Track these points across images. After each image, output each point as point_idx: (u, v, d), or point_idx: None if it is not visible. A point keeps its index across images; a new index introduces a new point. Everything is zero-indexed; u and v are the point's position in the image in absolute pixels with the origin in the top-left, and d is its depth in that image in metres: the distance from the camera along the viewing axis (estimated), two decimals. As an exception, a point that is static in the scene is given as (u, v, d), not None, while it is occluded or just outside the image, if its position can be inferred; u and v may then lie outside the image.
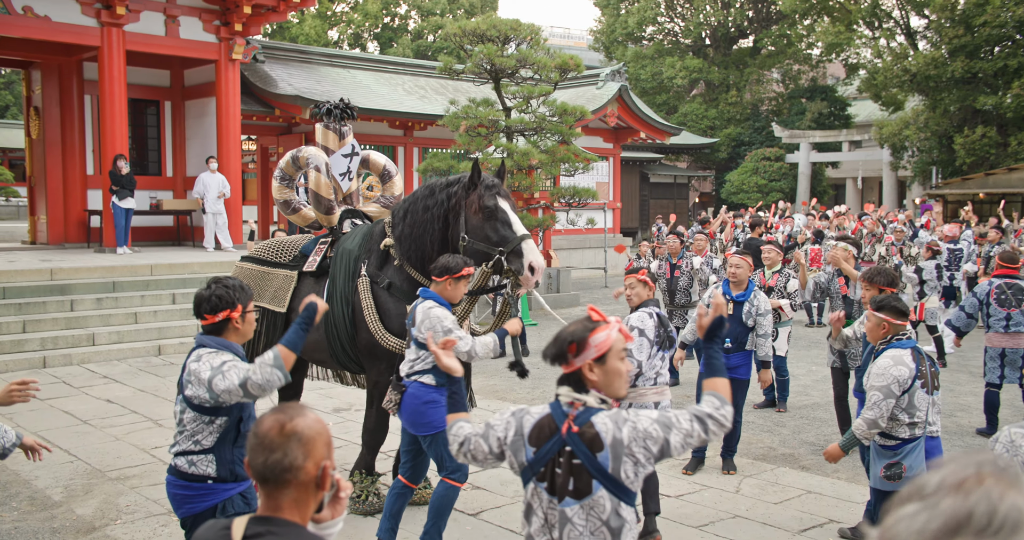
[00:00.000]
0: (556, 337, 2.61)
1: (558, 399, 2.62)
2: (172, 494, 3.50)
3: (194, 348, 3.48)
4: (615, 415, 2.56)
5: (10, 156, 37.09)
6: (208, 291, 3.44)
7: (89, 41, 14.17)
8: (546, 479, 2.57)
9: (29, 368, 9.98)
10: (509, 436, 2.64)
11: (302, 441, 1.89)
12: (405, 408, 4.75)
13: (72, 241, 16.03)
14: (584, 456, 2.51)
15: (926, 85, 26.48)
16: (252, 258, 6.30)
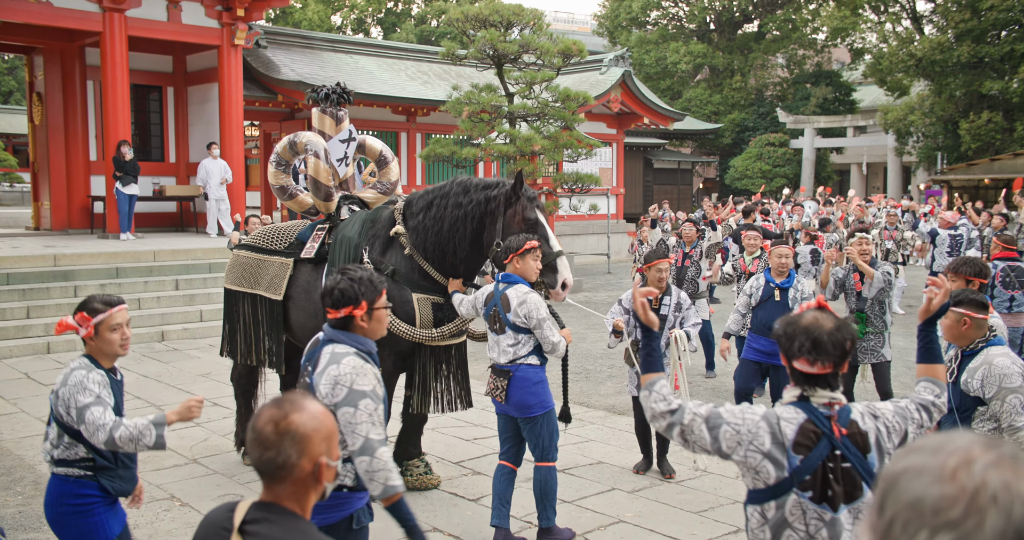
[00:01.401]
0: (840, 339, 2.43)
1: (809, 401, 2.45)
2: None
3: (324, 342, 3.20)
4: (865, 410, 2.49)
5: (14, 142, 37.10)
6: (332, 284, 3.16)
7: (91, 26, 14.14)
8: (812, 488, 2.38)
9: (33, 354, 10.04)
10: (762, 443, 2.40)
11: (296, 439, 1.88)
12: (515, 392, 4.77)
13: (75, 227, 16.06)
14: (855, 459, 2.41)
15: (932, 70, 26.34)
16: (248, 246, 6.29)
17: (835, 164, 36.01)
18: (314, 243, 5.90)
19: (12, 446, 6.70)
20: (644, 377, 2.68)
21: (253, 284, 6.06)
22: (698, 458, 6.43)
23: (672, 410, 2.53)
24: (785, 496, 2.41)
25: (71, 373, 3.41)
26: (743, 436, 2.43)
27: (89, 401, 3.31)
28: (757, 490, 2.46)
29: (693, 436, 2.50)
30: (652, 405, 2.57)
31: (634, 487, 5.85)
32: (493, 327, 4.87)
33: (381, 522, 5.20)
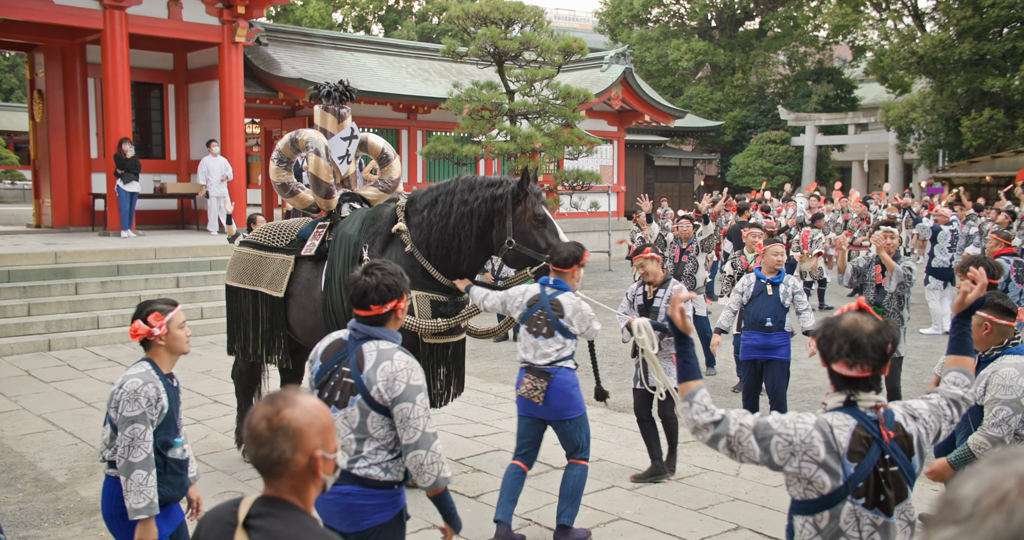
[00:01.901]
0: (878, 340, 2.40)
1: (856, 405, 2.43)
2: (352, 505, 3.11)
3: (359, 340, 3.15)
4: (905, 412, 2.50)
5: (15, 139, 37.13)
6: (375, 279, 3.10)
7: (92, 24, 14.14)
8: (865, 494, 2.37)
9: (34, 351, 10.05)
10: (816, 453, 2.35)
11: (289, 434, 1.89)
12: (555, 394, 4.85)
13: (76, 224, 16.06)
14: (902, 462, 2.41)
15: (933, 67, 26.30)
16: (250, 243, 6.29)
17: (836, 162, 35.99)
18: (314, 240, 5.90)
19: (13, 443, 6.71)
20: (682, 386, 2.61)
21: (254, 281, 6.07)
22: (693, 455, 6.44)
23: (716, 421, 2.48)
24: (840, 505, 2.38)
25: (127, 379, 3.45)
26: (796, 446, 2.38)
27: (135, 415, 3.38)
28: (808, 500, 2.42)
29: (741, 448, 2.45)
30: (694, 417, 2.52)
31: (633, 484, 5.85)
32: (536, 329, 4.93)
33: (381, 519, 5.21)
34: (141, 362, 3.54)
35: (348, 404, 3.09)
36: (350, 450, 3.11)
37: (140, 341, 3.52)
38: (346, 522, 3.12)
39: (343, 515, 3.12)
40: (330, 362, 3.17)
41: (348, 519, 3.11)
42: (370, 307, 3.10)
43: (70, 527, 5.14)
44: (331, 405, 3.12)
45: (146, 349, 3.55)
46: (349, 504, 3.10)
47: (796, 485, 2.44)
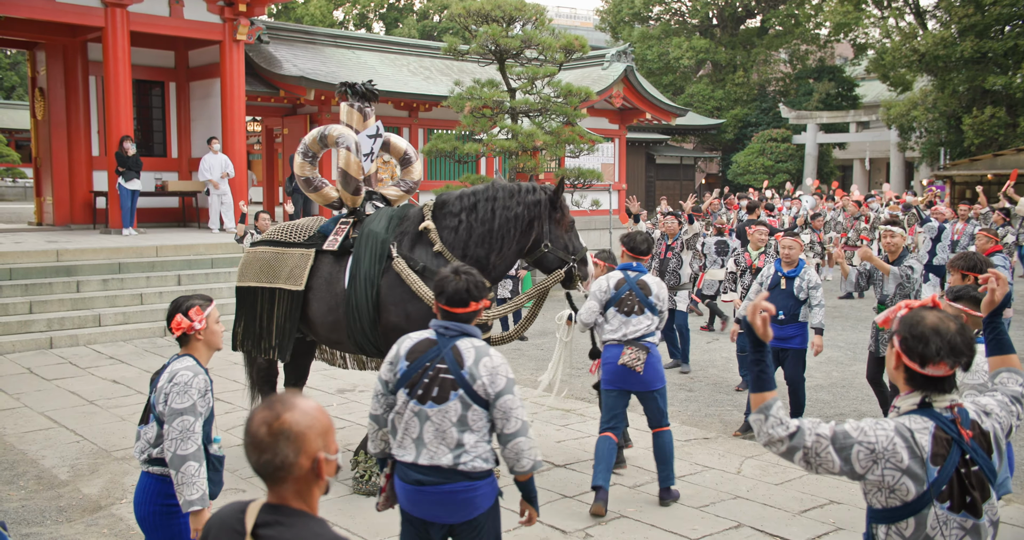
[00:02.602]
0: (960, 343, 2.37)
1: (931, 407, 2.38)
2: (464, 499, 3.24)
3: (451, 337, 3.29)
4: (978, 409, 2.45)
5: (16, 137, 37.11)
6: (470, 278, 3.31)
7: (93, 22, 14.13)
8: (950, 498, 2.31)
9: (36, 349, 10.06)
10: (900, 460, 2.30)
11: (291, 438, 1.88)
12: (649, 367, 5.47)
13: (78, 222, 16.07)
14: (982, 461, 2.36)
15: (935, 65, 26.27)
16: (266, 241, 6.17)
17: (837, 160, 35.96)
18: (337, 236, 5.85)
19: (15, 441, 6.72)
20: (756, 397, 2.49)
21: (271, 278, 5.94)
22: (695, 453, 6.45)
23: (792, 434, 2.40)
24: (925, 510, 2.31)
25: (178, 372, 3.43)
26: (879, 454, 2.32)
27: (185, 406, 3.37)
28: (891, 509, 2.35)
29: (819, 459, 2.37)
30: (769, 431, 2.43)
31: (635, 482, 5.86)
32: (627, 308, 5.56)
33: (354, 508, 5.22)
34: (184, 357, 3.52)
35: (448, 399, 3.23)
36: (451, 444, 3.23)
37: (178, 336, 3.53)
38: (458, 515, 3.27)
39: (455, 509, 3.26)
40: (421, 360, 3.29)
41: (460, 512, 3.27)
42: (468, 304, 3.29)
43: (72, 524, 5.15)
44: (427, 401, 3.25)
45: (182, 344, 3.56)
46: (462, 500, 3.24)
47: (877, 494, 2.37)
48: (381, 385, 3.41)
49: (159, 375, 3.52)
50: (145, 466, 3.52)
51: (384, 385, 3.39)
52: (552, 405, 7.40)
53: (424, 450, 3.25)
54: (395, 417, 3.35)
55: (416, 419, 3.27)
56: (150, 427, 3.51)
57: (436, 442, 3.24)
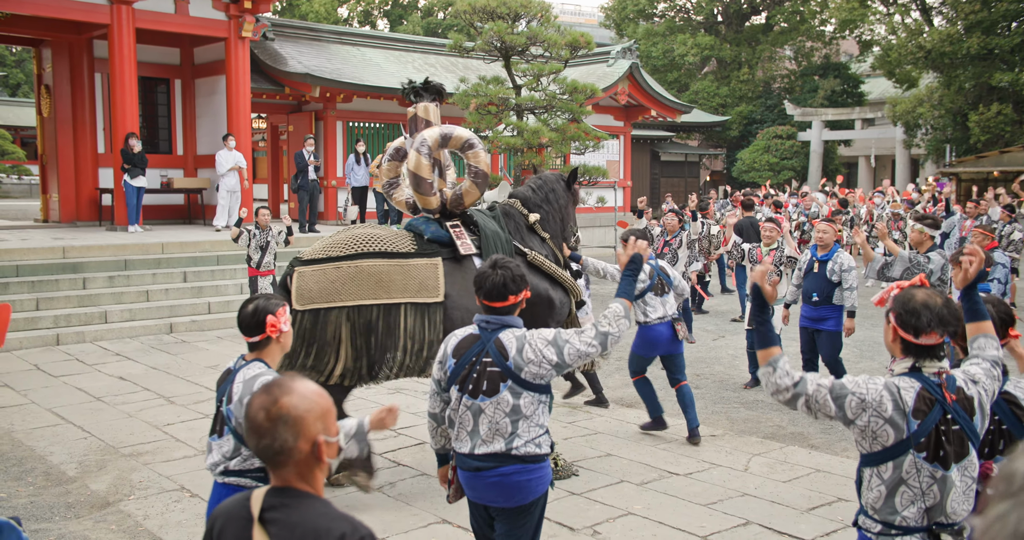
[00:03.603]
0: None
1: (921, 371, 2.73)
2: (518, 482, 3.30)
3: (493, 331, 3.33)
4: (965, 377, 2.78)
5: (22, 134, 37.18)
6: (508, 272, 3.35)
7: (99, 19, 14.14)
8: (927, 449, 2.66)
9: (43, 345, 10.08)
10: (884, 410, 2.68)
11: (289, 423, 1.88)
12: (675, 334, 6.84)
13: (84, 219, 16.10)
14: (964, 422, 2.69)
15: (941, 62, 26.19)
16: (370, 253, 5.48)
17: (843, 157, 35.87)
18: (463, 240, 5.65)
19: (23, 437, 6.73)
20: (763, 353, 2.88)
21: (400, 292, 5.44)
22: (702, 450, 6.45)
23: (796, 382, 2.79)
24: (902, 457, 2.69)
25: (257, 379, 3.21)
26: (868, 404, 2.69)
27: None
28: (874, 453, 2.73)
29: (817, 405, 2.77)
30: (777, 381, 2.81)
31: (643, 479, 5.85)
32: (658, 291, 6.75)
33: (391, 513, 5.22)
34: (255, 362, 3.32)
35: (499, 391, 3.31)
36: (505, 432, 3.32)
37: (257, 341, 3.33)
38: (513, 499, 3.35)
39: (509, 493, 3.34)
40: (467, 356, 3.37)
41: (515, 496, 3.34)
42: (507, 298, 3.37)
43: (80, 520, 5.16)
44: (479, 395, 3.34)
45: (256, 349, 3.35)
46: (515, 482, 3.32)
47: (864, 440, 2.74)
48: (435, 384, 3.51)
49: (229, 382, 3.33)
50: (220, 478, 3.38)
51: (437, 384, 3.50)
52: (559, 402, 7.39)
53: (480, 440, 3.35)
54: (451, 413, 3.44)
55: (469, 413, 3.37)
56: (225, 440, 3.34)
57: (490, 432, 3.33)
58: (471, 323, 5.49)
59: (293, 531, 1.87)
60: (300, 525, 1.87)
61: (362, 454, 3.26)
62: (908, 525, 2.71)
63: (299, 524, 1.87)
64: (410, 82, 6.02)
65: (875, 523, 2.77)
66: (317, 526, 1.87)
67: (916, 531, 2.71)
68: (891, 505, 2.72)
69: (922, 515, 2.70)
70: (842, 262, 7.42)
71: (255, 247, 10.45)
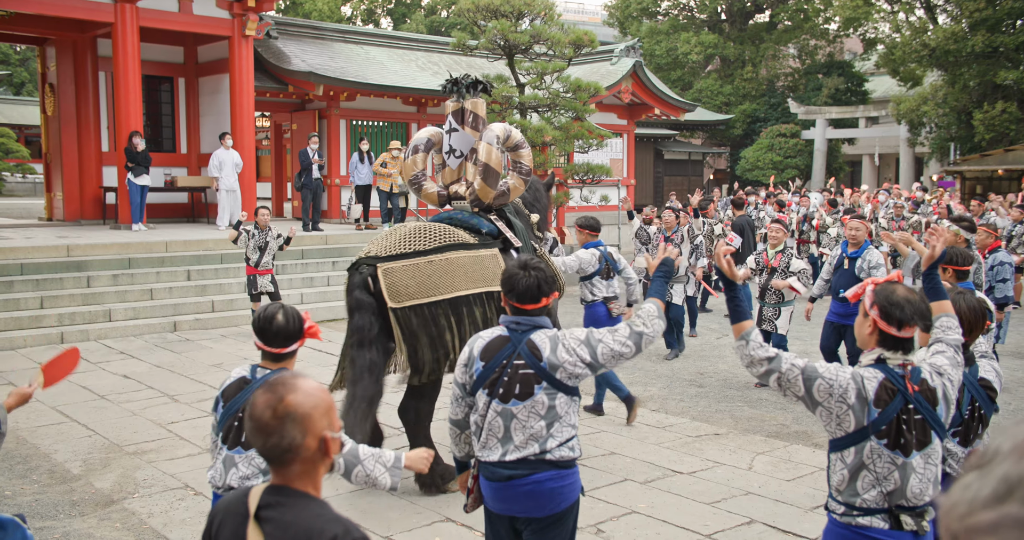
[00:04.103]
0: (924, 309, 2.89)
1: (886, 363, 2.86)
2: (552, 489, 3.18)
3: (523, 332, 3.25)
4: (931, 369, 2.91)
5: (26, 133, 37.21)
6: (540, 274, 3.26)
7: (103, 17, 14.16)
8: (888, 437, 2.80)
9: (47, 344, 10.10)
10: (848, 397, 2.80)
11: (297, 419, 1.88)
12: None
13: (88, 218, 16.12)
14: (926, 411, 2.83)
15: (945, 60, 26.11)
16: (454, 245, 5.56)
17: (847, 155, 35.78)
18: (509, 232, 5.88)
19: (28, 435, 6.75)
20: (737, 327, 3.05)
21: (479, 282, 5.53)
22: (705, 448, 6.44)
23: (770, 357, 2.93)
24: (863, 442, 2.80)
25: None
26: (834, 390, 2.82)
27: None
28: (838, 439, 2.86)
29: (788, 384, 2.91)
30: (751, 353, 2.97)
31: (647, 478, 5.85)
32: (605, 275, 7.55)
33: (395, 512, 5.22)
34: (282, 370, 3.22)
35: (534, 393, 3.19)
36: (540, 436, 3.19)
37: (288, 351, 3.27)
38: (547, 507, 3.20)
39: (543, 501, 3.20)
40: (497, 359, 3.24)
41: (548, 504, 3.20)
42: (539, 300, 3.28)
43: (85, 518, 5.17)
44: (511, 399, 3.20)
45: (281, 360, 3.29)
46: (549, 490, 3.19)
47: (830, 424, 2.87)
48: (458, 389, 3.36)
49: (246, 397, 3.21)
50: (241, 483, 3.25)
51: (461, 388, 3.35)
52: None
53: (511, 446, 3.20)
54: (477, 419, 3.29)
55: (500, 419, 3.22)
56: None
57: (523, 437, 3.20)
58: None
59: (287, 530, 1.87)
60: (294, 525, 1.87)
61: (394, 487, 3.11)
62: (869, 507, 2.83)
63: (293, 524, 1.88)
64: (455, 79, 6.03)
65: (839, 505, 2.90)
66: (311, 527, 1.87)
67: (877, 512, 2.83)
68: (853, 488, 2.85)
69: (882, 498, 2.82)
70: (871, 259, 7.56)
71: (253, 247, 10.46)
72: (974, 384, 3.35)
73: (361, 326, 5.25)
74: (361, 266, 5.39)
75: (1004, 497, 0.85)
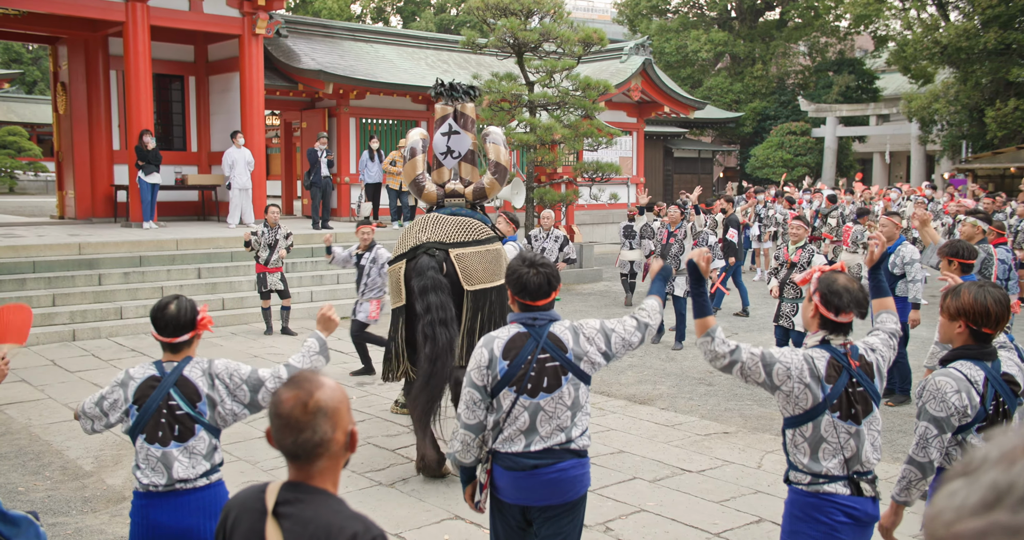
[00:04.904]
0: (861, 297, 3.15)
1: (829, 344, 3.13)
2: (574, 477, 3.30)
3: (543, 325, 3.34)
4: (865, 347, 3.21)
5: (38, 131, 37.39)
6: (547, 270, 3.36)
7: (114, 16, 14.22)
8: (840, 409, 3.08)
9: (59, 341, 10.16)
10: (804, 377, 3.07)
11: (327, 414, 1.92)
12: None
13: (99, 216, 16.20)
14: (867, 385, 3.13)
15: (957, 57, 25.96)
16: (494, 238, 6.10)
17: (857, 153, 35.63)
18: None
19: (40, 432, 6.79)
20: (700, 322, 3.27)
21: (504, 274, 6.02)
22: (714, 447, 6.44)
23: (732, 351, 3.17)
24: (819, 417, 3.08)
25: (213, 364, 3.40)
26: (791, 372, 3.08)
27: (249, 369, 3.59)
28: (795, 416, 3.12)
29: (750, 372, 3.14)
30: (715, 348, 3.19)
31: (655, 476, 5.85)
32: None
33: (404, 509, 5.23)
34: (195, 359, 3.41)
35: (560, 385, 3.29)
36: (565, 426, 3.28)
37: (183, 340, 3.39)
38: (567, 494, 3.30)
39: (564, 489, 3.28)
40: (522, 355, 3.27)
41: (568, 491, 3.30)
42: (550, 294, 3.38)
43: (97, 514, 5.20)
44: (539, 393, 3.26)
45: (179, 350, 3.40)
46: (571, 477, 3.29)
47: (787, 404, 3.13)
48: (476, 392, 3.31)
49: (166, 387, 3.26)
50: (206, 479, 3.29)
51: (481, 391, 3.30)
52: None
53: (536, 437, 3.26)
54: (499, 416, 3.29)
55: (527, 413, 3.26)
56: (198, 440, 3.27)
57: (549, 428, 3.26)
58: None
59: (306, 527, 1.88)
60: (313, 521, 1.89)
61: (327, 360, 3.47)
62: (832, 474, 3.09)
63: (312, 520, 1.89)
64: (451, 84, 6.54)
65: (804, 475, 3.14)
66: (330, 523, 1.88)
67: (839, 479, 3.10)
68: (816, 459, 3.10)
69: (843, 465, 3.09)
70: (904, 255, 7.48)
71: (263, 245, 10.51)
72: (997, 379, 3.28)
73: (441, 305, 5.49)
74: (431, 250, 5.70)
75: (992, 505, 0.84)
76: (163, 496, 3.23)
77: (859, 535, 3.14)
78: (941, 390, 3.22)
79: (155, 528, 3.22)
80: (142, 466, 3.27)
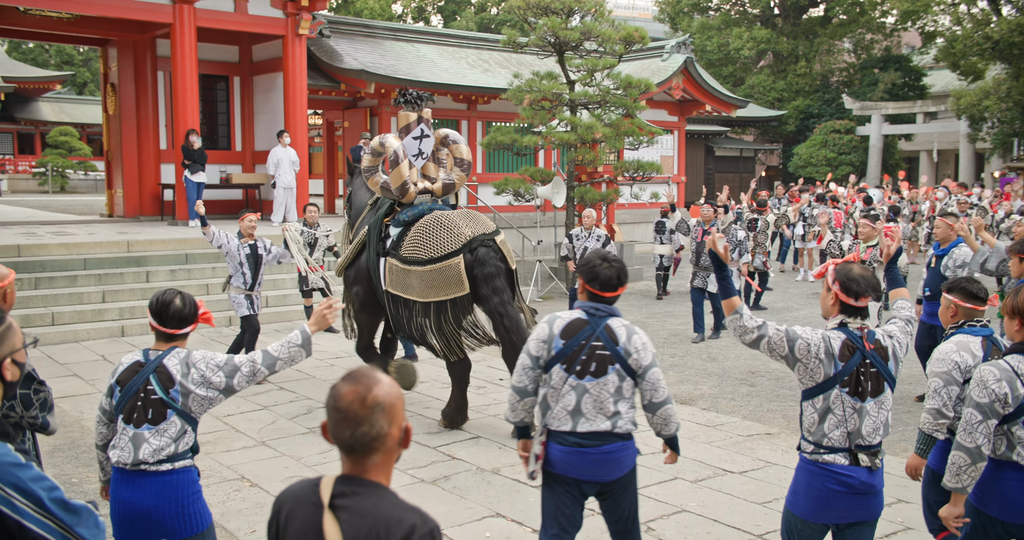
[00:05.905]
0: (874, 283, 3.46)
1: (847, 326, 3.43)
2: (619, 457, 3.62)
3: (602, 318, 3.63)
4: (883, 333, 3.50)
5: (88, 131, 38.25)
6: (619, 264, 3.69)
7: (162, 18, 14.49)
8: (849, 386, 3.37)
9: (109, 337, 10.38)
10: (820, 354, 3.37)
11: (385, 409, 1.96)
12: None
13: (147, 214, 16.52)
14: (880, 366, 3.40)
15: (1009, 52, 25.35)
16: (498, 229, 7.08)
17: (903, 151, 34.99)
18: None
19: (91, 425, 6.95)
20: (727, 303, 3.58)
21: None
22: (757, 448, 6.38)
23: (759, 326, 3.48)
24: (830, 390, 3.38)
25: (191, 354, 3.57)
26: (810, 348, 3.39)
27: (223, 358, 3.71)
28: (810, 388, 3.43)
29: (775, 345, 3.45)
30: (744, 324, 3.50)
31: (697, 477, 5.82)
32: None
33: (446, 507, 5.27)
34: (180, 349, 3.63)
35: (607, 372, 3.57)
36: (608, 412, 3.58)
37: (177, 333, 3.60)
38: (615, 472, 3.63)
39: (610, 468, 3.61)
40: (577, 338, 3.59)
41: (615, 470, 3.63)
42: (618, 289, 3.66)
43: (146, 507, 5.31)
44: (586, 375, 3.57)
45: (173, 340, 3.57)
46: (617, 458, 3.61)
47: (805, 377, 3.43)
48: (530, 360, 3.66)
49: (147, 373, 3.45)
50: (167, 465, 3.42)
51: (534, 360, 3.65)
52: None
53: (582, 419, 3.57)
54: (549, 393, 3.62)
55: (574, 393, 3.57)
56: (170, 423, 3.43)
57: (594, 411, 3.56)
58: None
59: (364, 519, 1.91)
60: (371, 513, 1.91)
61: (309, 354, 3.59)
62: (833, 446, 3.38)
63: (370, 512, 1.92)
64: (417, 94, 7.27)
65: (809, 443, 3.45)
66: (388, 515, 1.91)
67: (839, 450, 3.38)
68: (821, 428, 3.40)
69: (845, 438, 3.38)
70: (956, 257, 7.30)
71: (304, 244, 10.60)
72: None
73: (504, 287, 6.65)
74: (487, 241, 6.74)
75: None
76: (129, 474, 3.44)
77: (852, 504, 3.37)
78: (984, 378, 3.50)
79: (119, 503, 3.45)
80: (117, 444, 3.49)
